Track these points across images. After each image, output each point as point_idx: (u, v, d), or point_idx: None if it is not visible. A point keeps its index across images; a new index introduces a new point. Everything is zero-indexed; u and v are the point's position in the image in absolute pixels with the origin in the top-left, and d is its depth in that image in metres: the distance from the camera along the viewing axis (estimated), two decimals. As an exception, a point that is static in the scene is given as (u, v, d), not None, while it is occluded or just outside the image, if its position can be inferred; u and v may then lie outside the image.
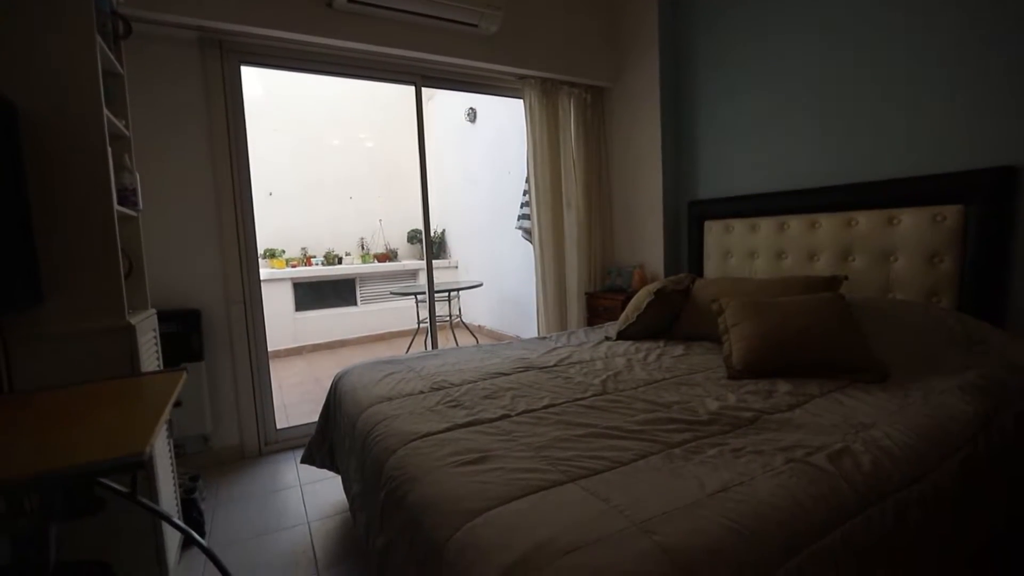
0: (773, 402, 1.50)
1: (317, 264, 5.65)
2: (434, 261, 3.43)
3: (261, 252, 5.20)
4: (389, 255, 6.16)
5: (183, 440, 2.37)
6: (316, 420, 2.09)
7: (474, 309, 6.08)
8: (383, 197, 6.18)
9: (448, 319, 5.26)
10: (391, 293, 5.45)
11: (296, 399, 3.68)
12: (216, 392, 2.49)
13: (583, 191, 3.36)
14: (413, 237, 6.41)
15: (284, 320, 5.18)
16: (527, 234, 3.65)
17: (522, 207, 3.83)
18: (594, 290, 3.41)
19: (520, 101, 3.25)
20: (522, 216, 3.83)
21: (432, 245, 4.46)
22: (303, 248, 5.75)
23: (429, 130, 3.21)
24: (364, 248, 6.12)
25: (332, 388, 2.02)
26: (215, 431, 2.49)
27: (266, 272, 4.87)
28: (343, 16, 2.46)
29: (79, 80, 1.38)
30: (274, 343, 4.50)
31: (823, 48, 2.32)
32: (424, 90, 3.01)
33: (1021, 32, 1.74)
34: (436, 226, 6.42)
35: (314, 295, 5.49)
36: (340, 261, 5.80)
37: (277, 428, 2.70)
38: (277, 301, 5.05)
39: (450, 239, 6.56)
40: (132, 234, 1.75)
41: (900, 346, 1.78)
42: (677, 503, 0.96)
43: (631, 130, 3.28)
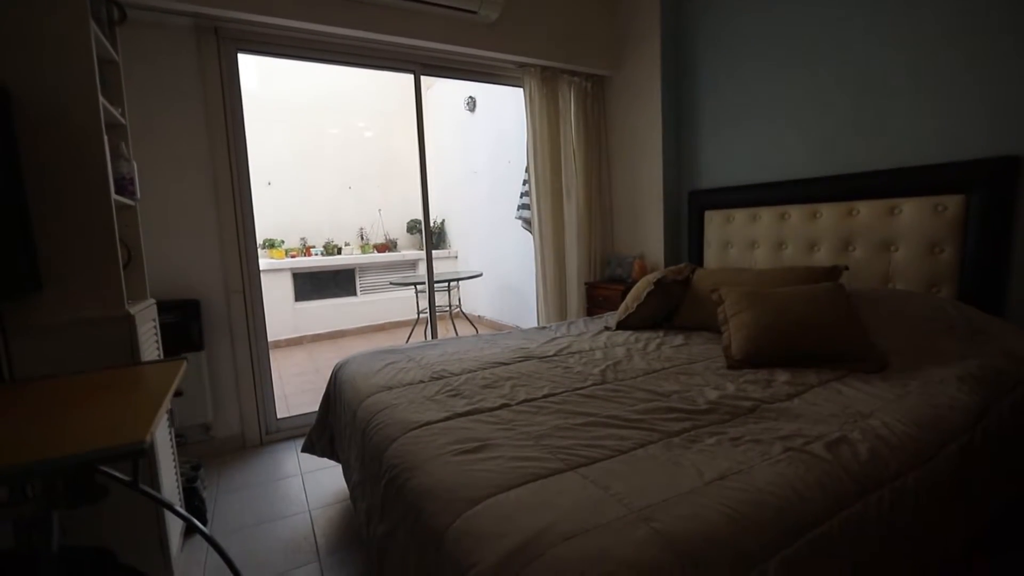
0: (772, 391, 1.51)
1: (316, 254, 5.64)
2: (434, 251, 3.42)
3: (260, 242, 5.19)
4: (388, 245, 6.14)
5: (184, 430, 2.38)
6: (316, 410, 2.10)
7: (474, 299, 6.08)
8: (382, 187, 6.16)
9: (448, 309, 5.26)
10: (391, 283, 5.45)
11: (296, 389, 3.69)
12: (217, 382, 2.49)
13: (583, 181, 3.34)
14: (413, 227, 6.39)
15: (284, 310, 5.18)
16: (527, 224, 3.64)
17: (522, 197, 3.81)
18: (594, 280, 3.40)
19: (520, 90, 3.23)
20: (522, 206, 3.81)
21: (432, 235, 4.46)
22: (302, 238, 5.74)
23: (428, 119, 3.19)
24: (363, 238, 6.10)
25: (332, 378, 2.02)
26: (216, 421, 2.50)
27: (265, 262, 4.87)
28: (340, 2, 2.43)
29: (73, 66, 1.37)
30: (274, 333, 4.50)
31: (825, 37, 2.29)
32: (423, 79, 2.99)
33: (1026, 19, 1.72)
34: (435, 216, 6.40)
35: (314, 285, 5.48)
36: (339, 251, 5.79)
37: (278, 418, 2.72)
38: (277, 291, 5.05)
39: (450, 229, 6.55)
40: (130, 223, 1.74)
41: (899, 336, 1.78)
42: (676, 491, 0.96)
43: (632, 119, 3.26)
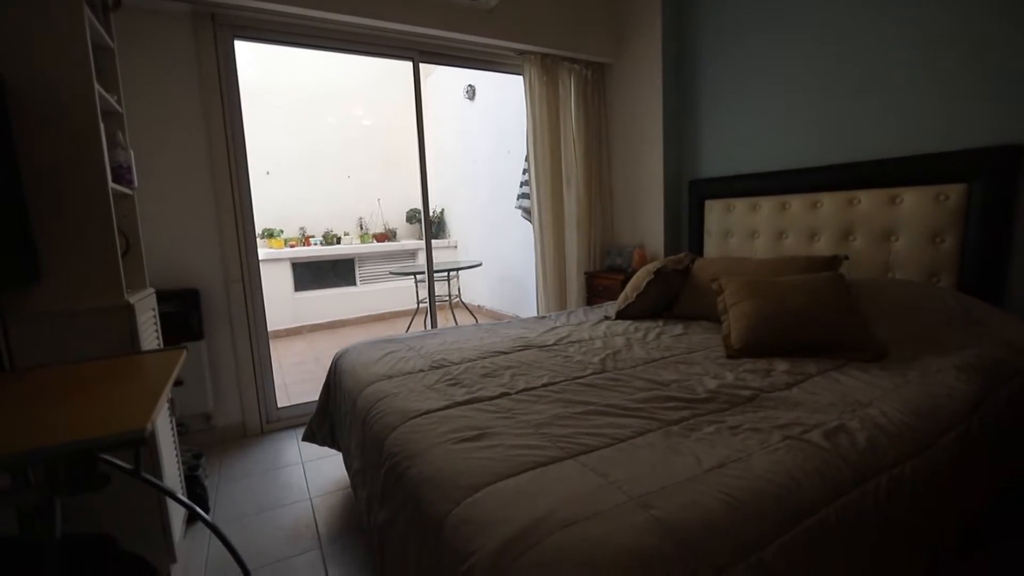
0: (771, 380, 1.51)
1: (316, 244, 5.63)
2: (433, 241, 3.41)
3: (259, 232, 5.17)
4: (388, 235, 6.12)
5: (185, 419, 2.38)
6: (316, 399, 2.11)
7: (473, 289, 6.08)
8: (381, 176, 6.12)
9: (447, 299, 5.26)
10: (390, 273, 5.44)
11: (296, 378, 3.70)
12: (217, 371, 2.50)
13: (583, 170, 3.32)
14: (412, 217, 6.36)
15: (283, 300, 5.17)
16: (526, 213, 3.62)
17: (521, 186, 3.79)
18: (594, 269, 3.40)
19: (520, 78, 3.20)
20: (521, 195, 3.80)
21: (431, 225, 4.44)
22: (301, 228, 5.72)
23: (427, 108, 3.16)
24: (363, 228, 6.08)
25: (332, 367, 2.03)
26: (217, 410, 2.51)
27: (264, 252, 4.86)
28: (338, -12, 2.40)
29: (68, 52, 1.35)
30: (274, 323, 4.50)
31: (827, 25, 2.26)
32: (422, 66, 2.96)
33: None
34: (435, 205, 6.37)
35: (313, 275, 5.48)
36: (339, 241, 5.78)
37: (278, 407, 2.73)
38: (276, 281, 5.04)
39: (449, 219, 6.53)
40: (128, 212, 1.73)
41: (899, 325, 1.78)
42: (674, 478, 0.97)
43: (632, 107, 3.23)
